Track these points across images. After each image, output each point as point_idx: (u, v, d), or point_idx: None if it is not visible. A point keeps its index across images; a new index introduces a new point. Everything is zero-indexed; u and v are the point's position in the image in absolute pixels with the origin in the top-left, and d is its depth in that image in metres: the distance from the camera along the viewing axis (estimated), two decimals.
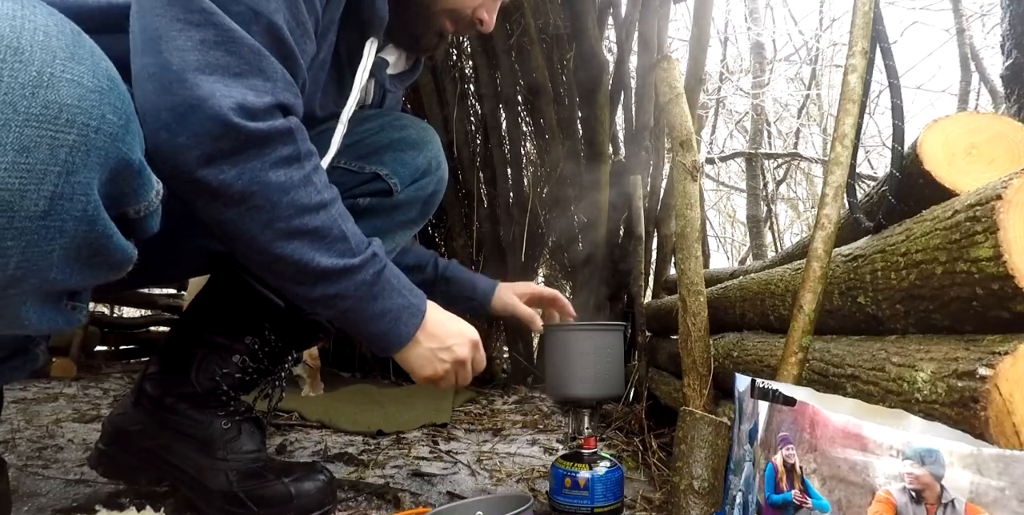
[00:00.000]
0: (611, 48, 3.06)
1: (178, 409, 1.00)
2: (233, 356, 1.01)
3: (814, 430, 0.55)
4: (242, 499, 0.95)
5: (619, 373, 1.12)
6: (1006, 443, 0.53)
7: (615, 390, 1.11)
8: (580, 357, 1.08)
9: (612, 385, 1.10)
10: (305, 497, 0.95)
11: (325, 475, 1.00)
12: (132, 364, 3.47)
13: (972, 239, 0.59)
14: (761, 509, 0.61)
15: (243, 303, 1.02)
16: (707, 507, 0.95)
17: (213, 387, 1.00)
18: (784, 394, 0.63)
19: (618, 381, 1.11)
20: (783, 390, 0.64)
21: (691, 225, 1.16)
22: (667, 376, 1.78)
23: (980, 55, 4.89)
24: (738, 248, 7.76)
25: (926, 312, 0.69)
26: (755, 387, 0.69)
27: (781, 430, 0.61)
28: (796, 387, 0.70)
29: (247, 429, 1.01)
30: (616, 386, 1.11)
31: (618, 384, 1.11)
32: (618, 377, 1.11)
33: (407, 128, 1.10)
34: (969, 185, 0.72)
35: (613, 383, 1.10)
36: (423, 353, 0.87)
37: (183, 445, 1.00)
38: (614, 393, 1.12)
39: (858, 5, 0.89)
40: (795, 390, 0.65)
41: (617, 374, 1.11)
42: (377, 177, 1.05)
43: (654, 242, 2.67)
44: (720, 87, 5.99)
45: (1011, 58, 1.60)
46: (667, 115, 1.20)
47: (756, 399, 0.68)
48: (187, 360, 1.01)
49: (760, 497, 0.61)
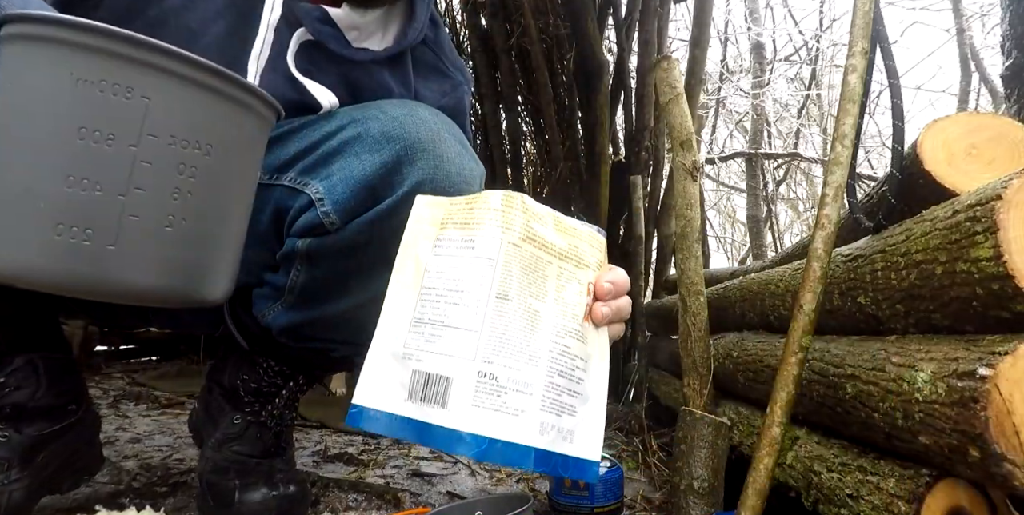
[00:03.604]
0: (611, 48, 3.05)
1: (212, 390, 1.06)
2: (255, 367, 1.01)
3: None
4: (204, 489, 0.97)
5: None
6: (1006, 443, 0.53)
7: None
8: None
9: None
10: (245, 506, 0.94)
11: (288, 489, 0.96)
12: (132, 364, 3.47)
13: (972, 239, 0.59)
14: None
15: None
16: (707, 507, 0.95)
17: (235, 387, 1.02)
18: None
19: None
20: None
21: (691, 225, 1.16)
22: (667, 376, 1.78)
23: (980, 55, 4.89)
24: (738, 248, 7.76)
25: (926, 312, 0.69)
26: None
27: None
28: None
29: (252, 432, 1.01)
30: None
31: None
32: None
33: (375, 119, 0.76)
34: (969, 185, 0.72)
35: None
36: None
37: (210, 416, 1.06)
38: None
39: (858, 5, 0.89)
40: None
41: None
42: (311, 203, 0.75)
43: (654, 242, 2.67)
44: (720, 87, 5.98)
45: (1011, 58, 1.60)
46: (667, 115, 1.20)
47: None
48: (227, 355, 1.05)
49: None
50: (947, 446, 0.59)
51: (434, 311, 0.53)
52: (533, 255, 0.55)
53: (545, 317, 0.54)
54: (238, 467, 0.98)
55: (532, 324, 0.53)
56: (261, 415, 1.02)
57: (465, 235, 0.55)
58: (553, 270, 0.56)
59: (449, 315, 0.53)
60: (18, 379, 0.86)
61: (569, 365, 0.54)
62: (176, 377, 2.36)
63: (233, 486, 0.95)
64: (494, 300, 0.52)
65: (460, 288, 0.53)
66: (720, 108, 6.18)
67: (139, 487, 1.10)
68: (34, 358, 0.88)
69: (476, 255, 0.54)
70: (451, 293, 0.53)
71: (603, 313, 0.57)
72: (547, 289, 0.55)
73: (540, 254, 0.55)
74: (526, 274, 0.54)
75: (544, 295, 0.54)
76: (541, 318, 0.54)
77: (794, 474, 0.89)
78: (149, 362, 3.00)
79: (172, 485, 1.12)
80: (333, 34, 0.83)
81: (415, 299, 0.55)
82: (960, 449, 0.57)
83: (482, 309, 0.52)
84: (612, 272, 0.60)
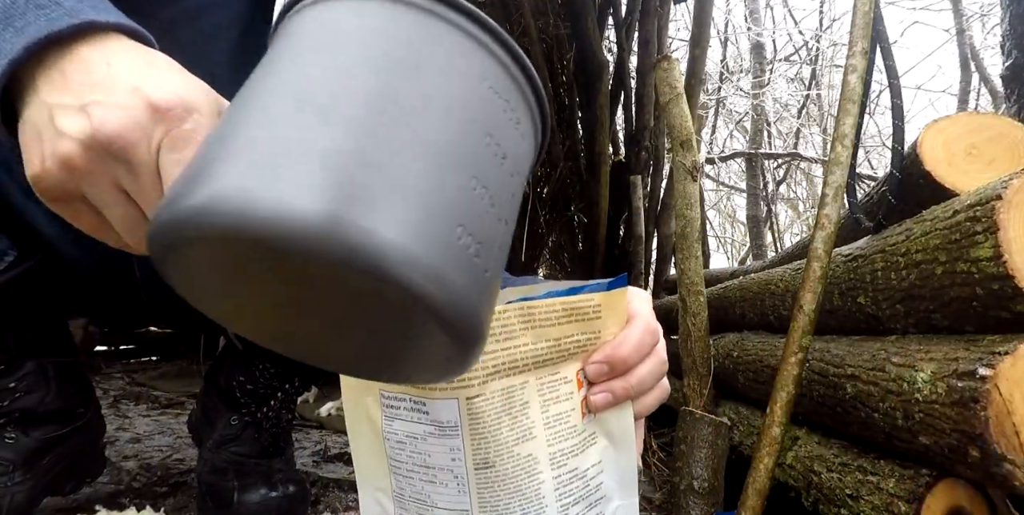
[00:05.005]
0: (611, 48, 3.06)
1: (210, 391, 1.06)
2: (251, 369, 1.02)
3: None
4: (203, 490, 0.97)
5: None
6: (1006, 443, 0.53)
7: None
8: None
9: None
10: (244, 506, 0.95)
11: (287, 489, 0.97)
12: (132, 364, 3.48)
13: (972, 239, 0.59)
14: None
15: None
16: (707, 507, 0.95)
17: (231, 388, 1.02)
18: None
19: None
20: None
21: (691, 225, 1.16)
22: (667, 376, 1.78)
23: (980, 55, 4.90)
24: (738, 248, 7.76)
25: (926, 312, 0.69)
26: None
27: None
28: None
29: (250, 433, 1.01)
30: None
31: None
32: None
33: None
34: (969, 185, 0.72)
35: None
36: (36, 114, 0.37)
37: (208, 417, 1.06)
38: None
39: (858, 5, 0.89)
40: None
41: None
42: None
43: (654, 242, 2.67)
44: (720, 87, 5.98)
45: (1011, 58, 1.60)
46: (667, 115, 1.20)
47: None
48: (224, 356, 1.05)
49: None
50: (947, 446, 0.59)
51: (411, 488, 0.44)
52: (504, 392, 0.43)
53: (540, 456, 0.44)
54: (236, 467, 0.98)
55: (528, 475, 0.44)
56: (258, 416, 1.02)
57: (412, 394, 0.43)
58: (531, 390, 0.44)
59: (430, 495, 0.44)
60: (28, 384, 0.87)
61: (581, 486, 0.46)
62: (176, 377, 2.36)
63: (232, 486, 0.95)
64: (474, 472, 0.43)
65: (429, 464, 0.43)
66: (720, 108, 6.19)
67: (139, 487, 1.10)
68: (44, 362, 0.88)
69: (432, 421, 0.42)
70: (422, 469, 0.44)
71: (601, 401, 0.45)
72: (532, 418, 0.44)
73: (512, 382, 0.43)
74: (502, 418, 0.43)
75: (531, 429, 0.44)
76: (536, 460, 0.44)
77: (794, 474, 0.89)
78: (149, 362, 3.00)
79: (172, 485, 1.12)
80: None
81: (386, 470, 0.46)
82: (960, 449, 0.57)
83: (464, 486, 0.43)
84: (614, 342, 0.45)
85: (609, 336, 0.45)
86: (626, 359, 0.45)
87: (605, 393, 0.45)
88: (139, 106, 0.35)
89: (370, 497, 0.47)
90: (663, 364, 0.48)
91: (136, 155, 0.35)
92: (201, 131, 0.36)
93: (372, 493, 0.47)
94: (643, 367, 0.46)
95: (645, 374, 0.46)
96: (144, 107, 0.35)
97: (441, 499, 0.43)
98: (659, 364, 0.47)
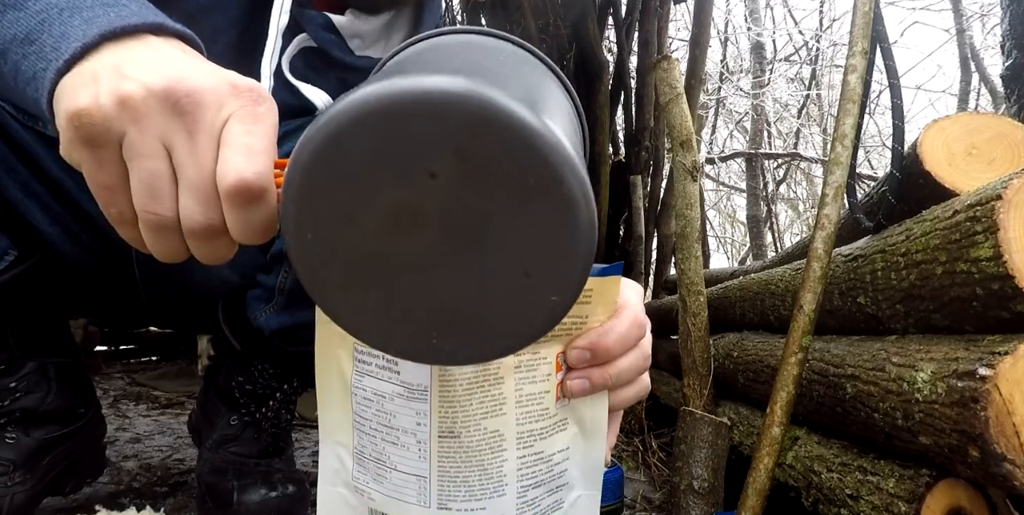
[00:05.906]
0: (611, 48, 3.06)
1: (209, 391, 1.06)
2: (250, 369, 1.01)
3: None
4: (203, 490, 0.97)
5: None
6: (1006, 443, 0.53)
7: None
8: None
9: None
10: (244, 506, 0.94)
11: (287, 489, 0.97)
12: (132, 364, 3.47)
13: (972, 239, 0.59)
14: None
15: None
16: (707, 507, 0.95)
17: (230, 388, 1.02)
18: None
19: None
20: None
21: (691, 225, 1.16)
22: (667, 376, 1.78)
23: (980, 55, 4.90)
24: (738, 248, 7.77)
25: (926, 312, 0.69)
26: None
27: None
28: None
29: (249, 433, 1.01)
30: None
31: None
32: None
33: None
34: (969, 185, 0.72)
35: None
36: (97, 64, 0.38)
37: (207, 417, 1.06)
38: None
39: (858, 5, 0.89)
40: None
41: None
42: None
43: (654, 242, 2.67)
44: (720, 87, 5.98)
45: (1011, 58, 1.60)
46: (667, 115, 1.20)
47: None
48: (223, 356, 1.05)
49: None
50: (947, 446, 0.59)
51: (372, 447, 0.44)
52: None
53: (508, 433, 0.43)
54: (236, 467, 0.98)
55: (492, 451, 0.43)
56: (257, 416, 1.02)
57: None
58: (508, 366, 0.43)
59: (390, 455, 0.43)
60: (29, 384, 0.87)
61: (545, 470, 0.45)
62: (176, 377, 2.36)
63: (231, 486, 0.95)
64: (437, 439, 0.42)
65: (393, 425, 0.42)
66: (720, 108, 6.19)
67: (139, 487, 1.10)
68: (45, 362, 0.89)
69: (403, 382, 0.42)
70: (385, 429, 0.43)
71: (578, 387, 0.44)
72: (505, 394, 0.43)
73: None
74: (473, 390, 0.42)
75: (502, 404, 0.43)
76: (503, 437, 0.43)
77: (794, 474, 0.89)
78: (149, 362, 2.99)
79: (172, 485, 1.12)
80: (335, 41, 0.82)
81: (350, 425, 0.45)
82: (960, 449, 0.57)
83: (426, 452, 0.42)
84: (600, 330, 0.44)
85: (596, 323, 0.45)
86: (610, 349, 0.44)
87: (583, 379, 0.45)
88: (221, 80, 0.37)
89: (330, 451, 0.47)
90: (646, 359, 0.47)
91: (203, 115, 0.35)
92: (272, 116, 0.37)
93: (333, 447, 0.47)
94: (625, 359, 0.46)
95: (626, 367, 0.46)
96: (225, 82, 0.36)
97: (401, 462, 0.43)
98: (642, 358, 0.47)
